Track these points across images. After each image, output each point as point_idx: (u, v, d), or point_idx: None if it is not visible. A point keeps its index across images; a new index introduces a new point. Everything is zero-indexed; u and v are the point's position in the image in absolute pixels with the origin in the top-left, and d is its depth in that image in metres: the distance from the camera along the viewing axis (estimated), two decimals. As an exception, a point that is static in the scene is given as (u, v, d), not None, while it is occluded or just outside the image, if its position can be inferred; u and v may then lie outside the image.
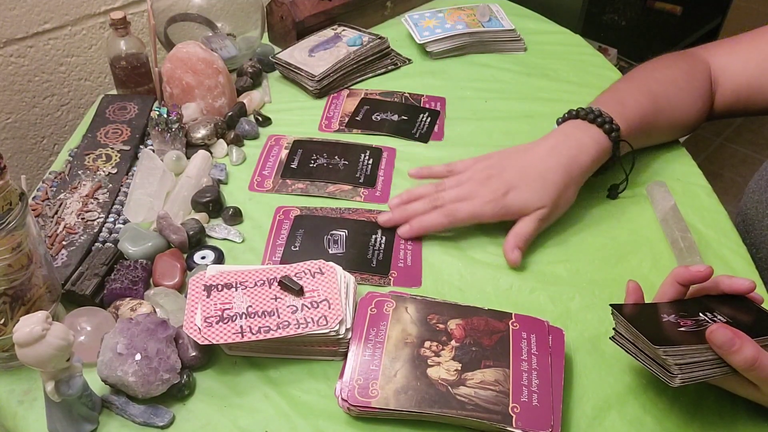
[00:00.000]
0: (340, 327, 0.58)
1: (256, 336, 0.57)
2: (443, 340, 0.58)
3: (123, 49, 0.87)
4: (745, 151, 2.23)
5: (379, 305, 0.61)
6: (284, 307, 0.60)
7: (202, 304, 0.59)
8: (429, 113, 0.92)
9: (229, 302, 0.60)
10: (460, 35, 1.04)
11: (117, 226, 0.72)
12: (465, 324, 0.59)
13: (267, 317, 0.59)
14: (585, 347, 0.61)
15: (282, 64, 0.97)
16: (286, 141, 0.86)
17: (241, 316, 0.59)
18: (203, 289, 0.61)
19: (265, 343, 0.59)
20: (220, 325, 0.58)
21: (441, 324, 0.60)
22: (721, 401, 0.57)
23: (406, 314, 0.61)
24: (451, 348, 0.58)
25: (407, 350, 0.58)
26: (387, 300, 0.62)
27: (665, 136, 0.82)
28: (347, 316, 0.60)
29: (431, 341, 0.58)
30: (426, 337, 0.59)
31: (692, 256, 0.68)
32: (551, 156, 0.71)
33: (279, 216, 0.75)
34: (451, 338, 0.58)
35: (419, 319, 0.60)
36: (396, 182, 0.81)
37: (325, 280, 0.62)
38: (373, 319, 0.60)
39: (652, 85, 0.78)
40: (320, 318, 0.58)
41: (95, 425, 0.55)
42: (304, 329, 0.57)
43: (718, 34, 2.12)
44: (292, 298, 0.60)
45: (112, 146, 0.81)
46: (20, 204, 0.53)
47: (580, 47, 1.09)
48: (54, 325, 0.48)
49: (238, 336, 0.57)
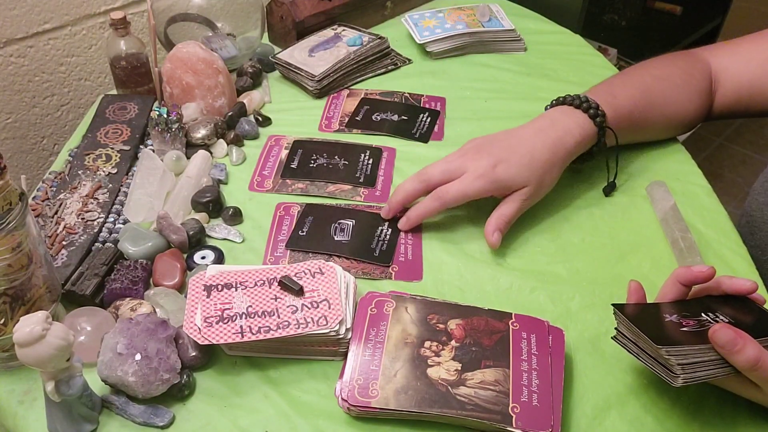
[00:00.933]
0: (340, 327, 0.58)
1: (256, 336, 0.57)
2: (443, 340, 0.58)
3: (123, 49, 0.87)
4: (745, 151, 2.23)
5: (379, 305, 0.61)
6: (284, 307, 0.60)
7: (202, 304, 0.59)
8: (429, 113, 0.92)
9: (229, 302, 0.60)
10: (460, 35, 1.04)
11: (117, 226, 0.72)
12: (465, 324, 0.59)
13: (267, 317, 0.59)
14: (585, 347, 0.61)
15: (282, 64, 0.97)
16: (286, 141, 0.86)
17: (241, 316, 0.59)
18: (203, 289, 0.61)
19: (265, 343, 0.59)
20: (220, 325, 0.58)
21: (441, 324, 0.59)
22: (722, 401, 0.57)
23: (406, 314, 0.60)
24: (451, 348, 0.57)
25: (407, 350, 0.57)
26: (387, 300, 0.62)
27: (659, 132, 0.83)
28: (347, 316, 0.60)
29: (431, 341, 0.58)
30: (426, 337, 0.58)
31: (692, 256, 0.68)
32: (538, 136, 0.72)
33: (279, 212, 0.75)
34: (451, 338, 0.58)
35: (419, 319, 0.60)
36: (396, 182, 0.81)
37: (325, 280, 0.62)
38: (373, 319, 0.60)
39: (647, 80, 0.79)
40: (320, 318, 0.58)
41: (95, 425, 0.55)
42: (304, 329, 0.57)
43: (718, 34, 2.12)
44: (292, 298, 0.60)
45: (112, 146, 0.81)
46: (20, 204, 0.53)
47: (580, 47, 1.09)
48: (54, 325, 0.48)
49: (238, 336, 0.57)
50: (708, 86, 0.81)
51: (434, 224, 0.75)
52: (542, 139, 0.72)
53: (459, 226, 0.74)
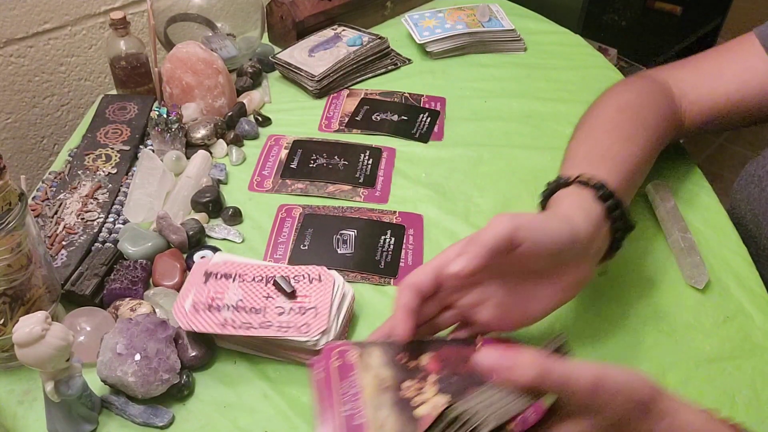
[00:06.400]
0: (321, 338, 0.57)
1: (237, 331, 0.57)
2: (422, 377, 0.52)
3: (123, 49, 0.87)
4: (745, 152, 2.23)
5: (342, 355, 0.54)
6: (272, 307, 0.59)
7: (197, 290, 0.60)
8: (429, 113, 0.92)
9: (222, 292, 0.60)
10: (460, 35, 1.04)
11: (117, 226, 0.72)
12: (437, 356, 0.54)
13: (253, 314, 0.59)
14: (585, 347, 0.61)
15: (282, 64, 0.97)
16: (286, 141, 0.86)
17: (229, 308, 0.59)
18: (203, 275, 0.62)
19: (248, 339, 0.59)
20: (206, 314, 0.58)
21: (413, 361, 0.53)
22: (721, 401, 0.57)
23: (374, 359, 0.53)
24: (433, 382, 0.52)
25: (388, 395, 0.51)
26: (348, 348, 0.55)
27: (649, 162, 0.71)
28: (334, 327, 0.59)
29: (410, 380, 0.52)
30: (403, 377, 0.52)
31: (692, 256, 0.68)
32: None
33: (281, 214, 0.75)
34: (428, 373, 0.53)
35: (389, 362, 0.53)
36: (396, 182, 0.81)
37: (321, 287, 0.61)
38: (341, 371, 0.53)
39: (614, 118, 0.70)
40: (303, 325, 0.58)
41: (95, 425, 0.55)
42: (284, 333, 0.57)
43: (718, 34, 2.12)
44: (283, 299, 0.60)
45: (112, 146, 0.81)
46: (20, 204, 0.53)
47: (580, 47, 1.09)
48: (53, 326, 0.48)
49: (220, 327, 0.57)
50: (671, 104, 0.74)
51: (435, 226, 0.75)
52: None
53: (462, 235, 0.74)
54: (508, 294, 0.55)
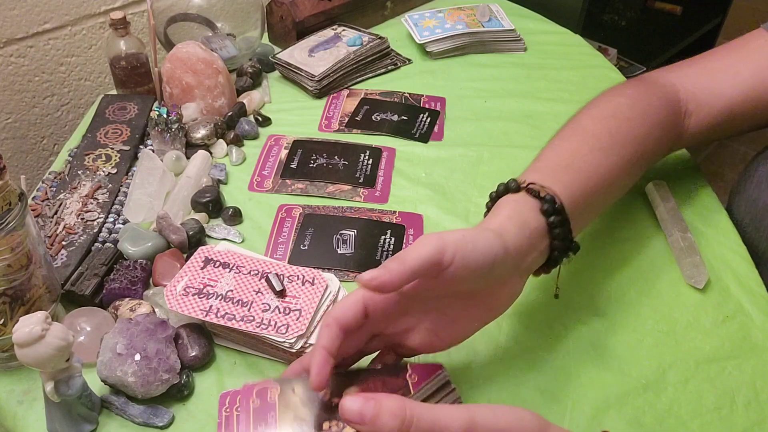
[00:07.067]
0: (296, 341, 0.57)
1: (218, 320, 0.58)
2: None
3: (123, 49, 0.87)
4: (745, 150, 2.22)
5: (262, 395, 0.49)
6: (259, 303, 0.60)
7: (192, 274, 0.61)
8: (429, 113, 0.92)
9: (216, 280, 0.61)
10: (460, 35, 1.04)
11: (117, 226, 0.72)
12: (362, 390, 0.49)
13: (239, 307, 0.59)
14: (585, 347, 0.61)
15: (282, 64, 0.97)
16: (286, 141, 0.86)
17: (218, 297, 0.59)
18: (202, 260, 0.63)
19: (229, 331, 0.60)
20: (194, 299, 0.59)
21: (336, 398, 0.48)
22: (721, 401, 0.57)
23: (294, 397, 0.49)
24: None
25: None
26: (270, 386, 0.50)
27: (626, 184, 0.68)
28: (316, 333, 0.58)
29: (329, 421, 0.47)
30: (323, 418, 0.47)
31: (692, 256, 0.68)
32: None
33: (281, 214, 0.75)
34: None
35: (310, 399, 0.48)
36: (396, 182, 0.81)
37: (312, 291, 0.61)
38: (258, 414, 0.48)
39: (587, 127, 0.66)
40: (282, 326, 0.58)
41: (95, 425, 0.55)
42: (262, 331, 0.57)
43: (718, 34, 2.12)
44: (272, 296, 0.60)
45: (112, 146, 0.81)
46: (20, 204, 0.53)
47: (580, 47, 1.09)
48: (53, 326, 0.48)
49: (203, 314, 0.58)
50: (670, 114, 0.69)
51: (435, 226, 0.75)
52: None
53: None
54: (437, 318, 0.52)
